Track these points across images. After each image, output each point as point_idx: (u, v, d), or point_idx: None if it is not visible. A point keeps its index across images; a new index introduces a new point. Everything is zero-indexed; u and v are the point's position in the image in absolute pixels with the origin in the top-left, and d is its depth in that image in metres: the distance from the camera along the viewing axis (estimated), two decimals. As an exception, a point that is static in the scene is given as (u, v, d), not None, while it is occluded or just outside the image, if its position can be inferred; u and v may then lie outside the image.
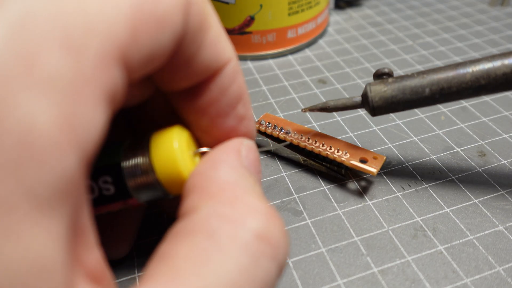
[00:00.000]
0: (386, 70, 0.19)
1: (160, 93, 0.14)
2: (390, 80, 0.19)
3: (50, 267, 0.07)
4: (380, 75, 0.19)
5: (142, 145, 0.13)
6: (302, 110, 0.21)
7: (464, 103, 0.27)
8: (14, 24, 0.08)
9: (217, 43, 0.12)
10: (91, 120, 0.08)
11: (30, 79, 0.08)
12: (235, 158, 0.12)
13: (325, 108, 0.20)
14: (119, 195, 0.13)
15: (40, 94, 0.08)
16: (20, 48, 0.08)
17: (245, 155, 0.13)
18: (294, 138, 0.22)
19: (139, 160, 0.13)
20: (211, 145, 0.14)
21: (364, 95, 0.19)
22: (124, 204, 0.13)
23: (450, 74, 0.18)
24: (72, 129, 0.08)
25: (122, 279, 0.17)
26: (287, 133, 0.22)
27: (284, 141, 0.22)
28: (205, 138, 0.14)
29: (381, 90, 0.19)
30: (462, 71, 0.18)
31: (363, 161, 0.20)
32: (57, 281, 0.07)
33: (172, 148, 0.12)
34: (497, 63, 0.17)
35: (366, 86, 0.19)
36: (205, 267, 0.09)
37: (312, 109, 0.21)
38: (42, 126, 0.08)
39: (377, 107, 0.19)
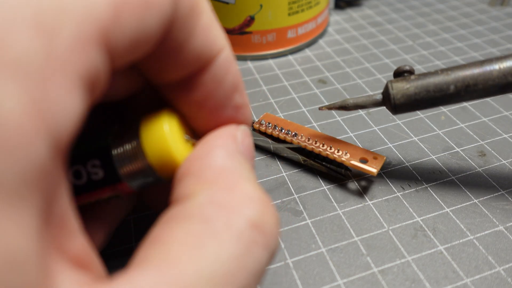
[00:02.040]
0: (407, 68, 0.19)
1: (149, 86, 0.14)
2: (412, 77, 0.18)
3: (22, 258, 0.07)
4: (401, 73, 0.19)
5: (132, 129, 0.12)
6: (319, 108, 0.21)
7: (464, 103, 0.27)
8: None
9: (209, 30, 0.11)
10: (65, 106, 0.08)
11: None
12: (231, 143, 0.12)
13: (344, 107, 0.20)
14: (108, 179, 0.12)
15: (7, 78, 0.07)
16: None
17: (241, 140, 0.13)
18: (294, 138, 0.22)
19: (128, 144, 0.12)
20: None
21: (386, 93, 0.19)
22: (113, 189, 0.13)
23: (476, 71, 0.17)
24: (41, 116, 0.08)
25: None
26: (287, 133, 0.22)
27: (284, 141, 0.22)
28: (201, 129, 0.13)
29: (403, 87, 0.18)
30: (488, 68, 0.17)
31: (363, 161, 0.20)
32: (31, 271, 0.07)
33: (162, 131, 0.12)
34: None
35: (387, 83, 0.19)
36: (200, 254, 0.09)
37: (330, 108, 0.20)
38: (9, 112, 0.07)
39: (399, 105, 0.18)
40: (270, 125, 0.22)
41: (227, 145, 0.12)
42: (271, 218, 0.11)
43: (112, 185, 0.13)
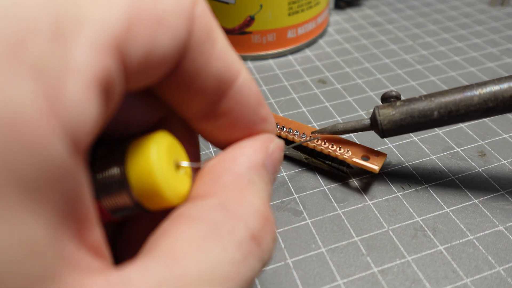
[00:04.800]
0: (394, 93, 0.19)
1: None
2: (398, 103, 0.19)
3: (39, 246, 0.08)
4: (387, 98, 0.20)
5: (118, 155, 0.11)
6: (311, 135, 0.21)
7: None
8: (4, 10, 0.08)
9: (226, 55, 0.12)
10: (80, 106, 0.08)
11: (17, 64, 0.08)
12: (259, 155, 0.13)
13: (335, 132, 0.21)
14: None
15: (26, 79, 0.08)
16: (9, 33, 0.08)
17: (271, 153, 0.13)
18: (296, 137, 0.22)
19: (112, 171, 0.11)
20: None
21: (373, 118, 0.20)
22: None
23: (458, 97, 0.18)
24: (57, 114, 0.08)
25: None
26: (289, 132, 0.22)
27: (286, 139, 0.22)
28: (233, 142, 0.14)
29: (389, 113, 0.19)
30: (469, 94, 0.18)
31: (365, 158, 0.20)
32: (47, 257, 0.08)
33: (149, 161, 0.11)
34: (504, 86, 0.18)
35: (374, 109, 0.20)
36: (204, 255, 0.10)
37: (322, 132, 0.21)
38: (28, 111, 0.08)
39: (386, 130, 0.19)
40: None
41: (254, 156, 0.13)
42: (270, 236, 0.12)
43: None
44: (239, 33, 0.32)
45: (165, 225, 0.11)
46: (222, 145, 0.14)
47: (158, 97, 0.13)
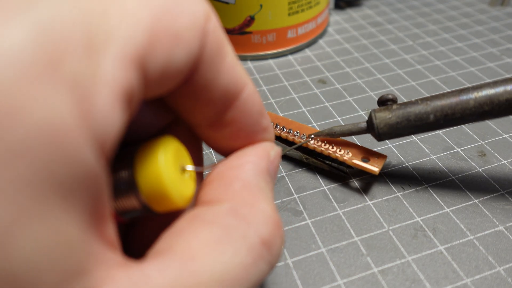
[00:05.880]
0: (390, 97, 0.19)
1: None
2: (394, 106, 0.19)
3: (73, 243, 0.09)
4: (384, 102, 0.20)
5: (126, 159, 0.12)
6: (307, 137, 0.21)
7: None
8: (43, 26, 0.09)
9: (234, 68, 0.13)
10: (108, 117, 0.09)
11: (55, 77, 0.08)
12: (263, 161, 0.14)
13: (331, 134, 0.21)
14: None
15: (64, 93, 0.08)
16: (48, 48, 0.08)
17: (272, 160, 0.14)
18: (296, 137, 0.22)
19: (121, 174, 0.12)
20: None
21: (370, 122, 0.20)
22: None
23: (454, 100, 0.18)
24: (89, 125, 0.09)
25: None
26: (289, 132, 0.22)
27: (286, 140, 0.22)
28: (232, 150, 0.14)
29: (386, 117, 0.19)
30: (465, 97, 0.18)
31: (365, 160, 0.20)
32: (80, 252, 0.09)
33: (157, 166, 0.11)
34: (500, 89, 0.18)
35: (371, 112, 0.20)
36: (217, 257, 0.11)
37: (318, 135, 0.21)
38: (66, 122, 0.08)
39: (382, 133, 0.19)
40: (272, 123, 0.22)
41: (259, 163, 0.13)
42: (279, 240, 0.12)
43: None
44: (239, 33, 0.32)
45: (179, 225, 0.12)
46: (224, 152, 0.14)
47: (166, 104, 0.13)
